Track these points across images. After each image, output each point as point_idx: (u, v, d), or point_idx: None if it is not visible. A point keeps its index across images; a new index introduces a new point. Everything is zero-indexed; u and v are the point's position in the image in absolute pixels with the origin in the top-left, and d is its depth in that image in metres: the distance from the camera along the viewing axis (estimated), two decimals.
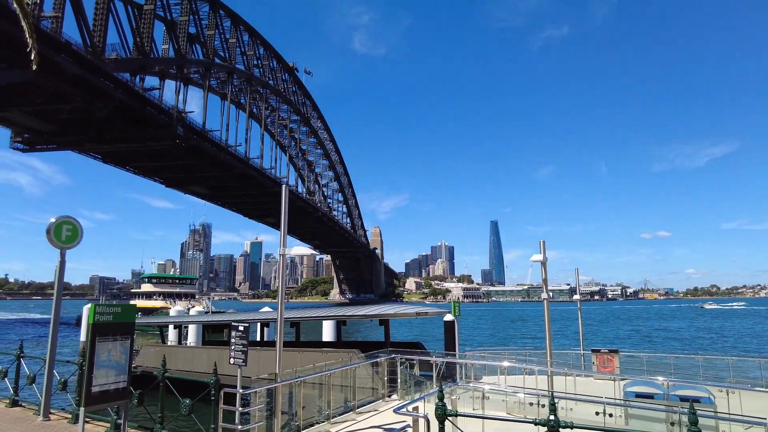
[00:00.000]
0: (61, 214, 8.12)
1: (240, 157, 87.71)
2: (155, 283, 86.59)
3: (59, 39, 49.90)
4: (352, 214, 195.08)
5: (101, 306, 6.90)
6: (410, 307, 18.05)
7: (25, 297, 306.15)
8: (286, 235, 8.14)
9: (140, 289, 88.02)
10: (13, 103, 54.82)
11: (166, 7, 69.89)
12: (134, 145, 67.61)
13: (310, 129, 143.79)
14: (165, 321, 30.41)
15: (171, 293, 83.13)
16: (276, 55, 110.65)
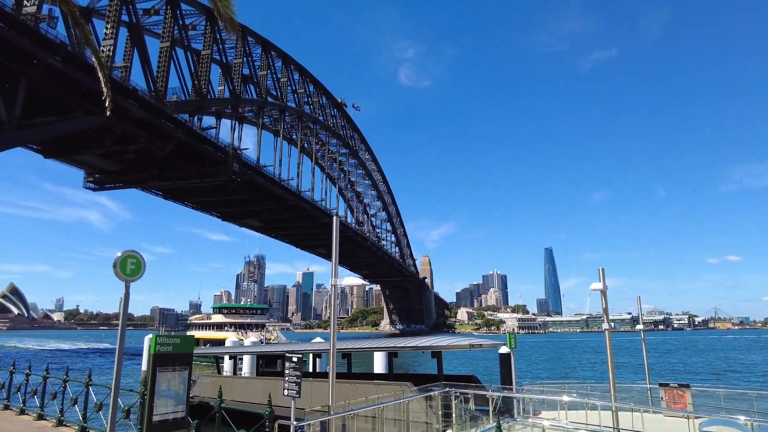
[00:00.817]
0: (126, 249, 8.48)
1: (292, 190, 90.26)
2: (226, 313, 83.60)
3: (127, 86, 53.79)
4: (401, 243, 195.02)
5: (162, 337, 7.13)
6: (463, 339, 17.55)
7: (93, 327, 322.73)
8: (338, 265, 8.17)
9: (210, 319, 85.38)
10: (87, 146, 59.25)
11: (222, 51, 74.15)
12: (193, 181, 71.09)
13: (359, 161, 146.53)
14: (220, 352, 31.10)
15: (242, 324, 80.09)
16: (325, 91, 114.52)
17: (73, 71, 45.89)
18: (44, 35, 44.72)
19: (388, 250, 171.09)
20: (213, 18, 69.44)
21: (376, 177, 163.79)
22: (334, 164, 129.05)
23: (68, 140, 56.28)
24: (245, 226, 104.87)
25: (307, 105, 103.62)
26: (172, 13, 63.28)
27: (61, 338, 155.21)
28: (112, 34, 55.14)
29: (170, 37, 62.76)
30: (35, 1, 47.56)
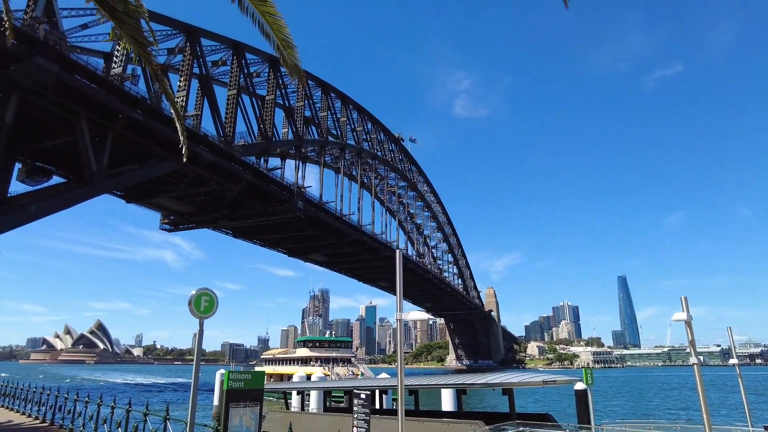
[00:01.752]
0: (198, 286, 8.83)
1: (353, 225, 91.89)
2: (311, 347, 78.69)
3: (199, 133, 57.64)
4: (464, 275, 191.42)
5: (234, 373, 7.35)
6: (536, 375, 16.72)
7: (168, 362, 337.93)
8: (402, 299, 8.13)
9: (295, 353, 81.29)
10: (163, 190, 63.68)
11: (285, 95, 78.09)
12: (260, 219, 74.22)
13: (417, 193, 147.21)
14: (288, 387, 31.42)
15: (328, 358, 74.99)
16: (383, 128, 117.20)
17: (152, 122, 49.87)
18: (128, 92, 49.13)
19: (450, 282, 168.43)
20: (275, 65, 73.67)
21: (436, 208, 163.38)
22: (393, 197, 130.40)
23: (147, 185, 60.83)
24: (310, 261, 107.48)
25: (365, 141, 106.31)
26: (238, 63, 67.72)
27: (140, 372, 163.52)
28: (185, 86, 59.67)
29: (237, 85, 67.01)
30: (121, 63, 52.68)
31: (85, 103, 44.63)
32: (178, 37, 61.02)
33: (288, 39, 5.98)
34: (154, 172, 53.59)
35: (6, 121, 40.21)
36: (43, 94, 41.54)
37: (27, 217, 42.08)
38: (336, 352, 77.18)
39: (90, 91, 44.73)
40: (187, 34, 60.78)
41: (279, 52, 6.14)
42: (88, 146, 45.29)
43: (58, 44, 42.73)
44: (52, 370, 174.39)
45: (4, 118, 40.15)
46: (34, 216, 42.64)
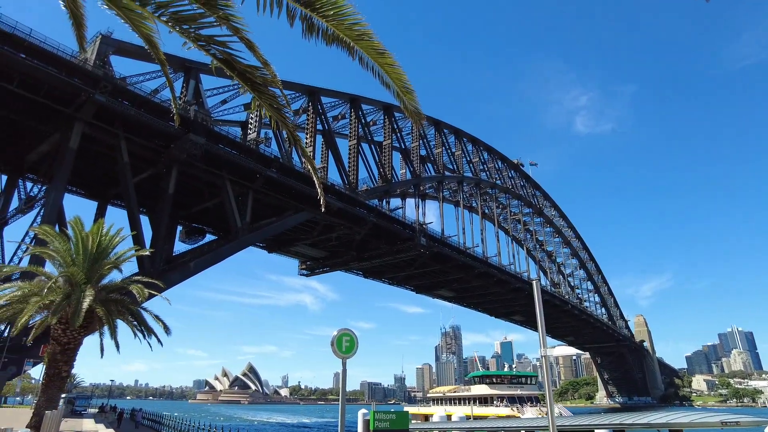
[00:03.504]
0: (335, 327, 9.21)
1: (479, 258, 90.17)
2: (491, 383, 67.07)
3: (327, 184, 61.88)
4: (607, 303, 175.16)
5: (379, 413, 7.50)
6: (710, 414, 14.47)
7: (312, 402, 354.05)
8: (545, 335, 7.71)
9: (470, 391, 69.39)
10: (298, 238, 68.98)
11: (401, 138, 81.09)
12: (387, 258, 76.46)
13: (545, 219, 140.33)
14: (429, 428, 31.07)
15: (513, 396, 63.15)
16: (500, 156, 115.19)
17: (285, 178, 54.93)
18: (263, 154, 54.96)
19: (593, 312, 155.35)
20: (389, 111, 77.37)
21: (567, 233, 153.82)
22: (518, 226, 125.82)
23: (284, 235, 66.26)
24: (438, 297, 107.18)
25: (483, 172, 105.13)
26: (355, 114, 72.25)
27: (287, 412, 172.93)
28: (311, 143, 65.01)
29: (356, 135, 71.32)
30: (255, 129, 59.24)
31: (228, 167, 50.76)
32: (301, 99, 67.09)
33: (407, 85, 6.27)
34: (290, 223, 58.46)
35: (170, 192, 47.16)
36: (195, 165, 48.03)
37: (189, 272, 48.13)
38: (521, 389, 66.50)
39: (231, 156, 50.92)
40: (309, 95, 66.64)
41: (399, 99, 6.45)
42: (232, 205, 51.11)
43: (205, 120, 49.48)
44: (213, 409, 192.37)
45: (168, 189, 47.17)
46: (194, 271, 48.62)
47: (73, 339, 17.60)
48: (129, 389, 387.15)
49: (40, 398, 17.61)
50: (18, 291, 17.49)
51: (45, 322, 16.96)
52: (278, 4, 5.45)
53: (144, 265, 42.02)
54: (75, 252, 18.08)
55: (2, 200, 50.28)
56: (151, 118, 44.56)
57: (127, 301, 18.87)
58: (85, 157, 45.49)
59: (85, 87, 40.09)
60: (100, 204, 56.07)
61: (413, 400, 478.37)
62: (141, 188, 49.16)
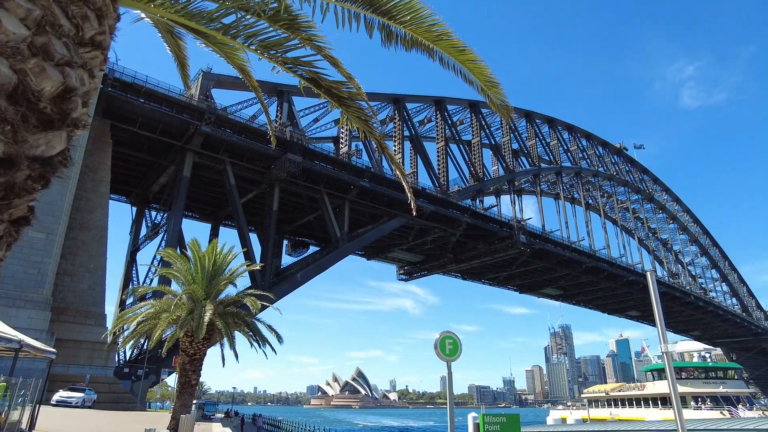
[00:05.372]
0: (437, 330, 9.15)
1: (585, 252, 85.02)
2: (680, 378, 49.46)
3: (417, 188, 62.21)
4: (738, 292, 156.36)
5: (489, 416, 7.33)
6: None
7: (421, 405, 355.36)
8: (665, 329, 7.08)
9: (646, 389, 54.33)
10: (394, 244, 69.95)
11: (490, 135, 79.18)
12: (485, 259, 74.81)
13: (656, 205, 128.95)
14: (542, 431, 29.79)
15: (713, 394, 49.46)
16: (600, 141, 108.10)
17: (378, 187, 56.15)
18: (355, 165, 56.70)
19: (721, 302, 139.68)
20: (476, 108, 75.86)
21: (683, 218, 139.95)
22: (627, 214, 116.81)
23: (381, 242, 67.55)
24: (543, 296, 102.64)
25: (583, 160, 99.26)
26: (441, 116, 71.87)
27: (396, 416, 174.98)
28: (400, 150, 65.78)
29: (443, 137, 70.91)
30: (346, 143, 61.29)
31: (325, 181, 53.09)
32: (387, 108, 68.23)
33: (491, 79, 6.13)
34: (385, 230, 59.56)
35: (274, 209, 50.28)
36: (295, 182, 50.76)
37: (296, 283, 50.83)
38: (723, 386, 51.66)
39: (327, 171, 53.16)
40: (394, 103, 67.58)
41: (484, 94, 6.33)
42: (331, 217, 53.29)
43: (300, 139, 52.15)
44: (326, 413, 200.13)
45: (272, 207, 50.33)
46: (301, 281, 51.25)
47: (198, 350, 19.30)
48: (249, 396, 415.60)
49: (176, 403, 19.54)
50: (151, 309, 19.61)
51: (175, 335, 18.80)
52: (356, 18, 5.60)
53: (256, 279, 45.13)
54: (194, 271, 19.87)
55: (134, 229, 56.93)
56: (251, 142, 47.99)
57: (242, 313, 20.33)
58: (197, 184, 50.14)
59: (193, 120, 44.22)
60: (213, 225, 61.38)
61: (524, 402, 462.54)
62: (248, 208, 53.17)
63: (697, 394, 47.94)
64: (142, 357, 42.13)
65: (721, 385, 50.00)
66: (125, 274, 54.96)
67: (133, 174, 52.23)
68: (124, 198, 57.01)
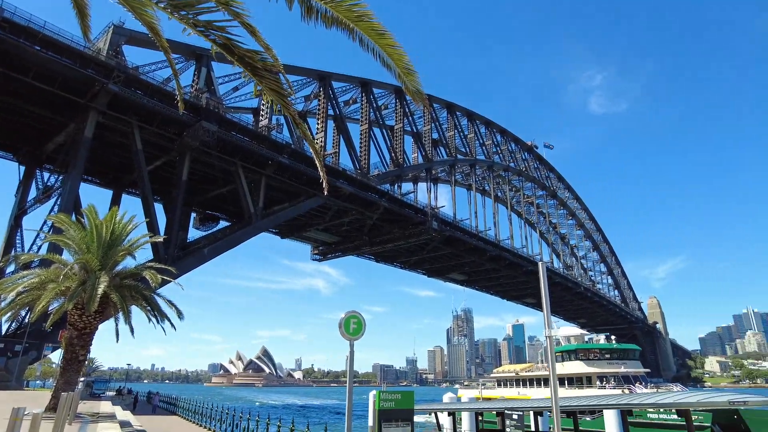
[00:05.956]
0: (347, 310, 9.27)
1: (491, 241, 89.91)
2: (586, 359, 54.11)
3: (338, 169, 61.92)
4: (620, 285, 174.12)
5: (385, 393, 7.61)
6: (718, 394, 14.43)
7: (325, 384, 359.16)
8: (550, 315, 7.72)
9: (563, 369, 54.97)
10: (311, 224, 69.32)
11: (412, 122, 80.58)
12: (399, 243, 76.60)
13: (559, 201, 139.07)
14: (438, 407, 31.34)
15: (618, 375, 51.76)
16: (514, 138, 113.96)
17: (297, 164, 55.04)
18: (275, 140, 55.06)
19: (605, 294, 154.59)
20: (401, 95, 76.63)
21: (581, 215, 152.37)
22: (531, 208, 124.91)
23: (297, 221, 66.67)
24: (449, 281, 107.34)
25: (496, 154, 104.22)
26: (367, 98, 71.80)
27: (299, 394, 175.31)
28: (323, 128, 64.93)
29: (367, 119, 70.97)
30: (266, 116, 59.29)
31: (241, 154, 51.01)
32: (312, 84, 66.85)
33: (408, 66, 6.21)
34: (302, 209, 58.80)
35: (183, 179, 47.61)
36: (208, 152, 48.33)
37: (203, 258, 48.78)
38: (625, 366, 53.95)
39: (244, 143, 51.09)
40: (320, 80, 66.36)
41: (401, 80, 6.41)
42: (245, 192, 51.49)
43: (217, 108, 49.64)
44: (227, 391, 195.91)
45: (181, 176, 47.62)
46: (208, 257, 49.27)
47: (88, 324, 18.00)
48: (146, 373, 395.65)
49: (59, 381, 18.12)
50: (36, 278, 17.89)
51: (62, 308, 17.37)
52: None
53: (159, 252, 42.70)
54: (89, 240, 18.39)
55: (21, 190, 51.26)
56: (163, 106, 44.83)
57: (141, 287, 19.21)
58: (100, 146, 46.07)
59: (99, 77, 40.43)
60: (116, 192, 56.90)
61: (424, 381, 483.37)
62: (155, 176, 49.73)
63: (602, 374, 51.85)
64: (21, 331, 38.48)
65: (623, 366, 53.73)
66: (7, 239, 49.32)
67: (25, 129, 46.84)
68: (10, 155, 51.07)
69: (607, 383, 50.34)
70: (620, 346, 57.82)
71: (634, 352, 57.51)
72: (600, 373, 51.98)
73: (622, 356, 55.03)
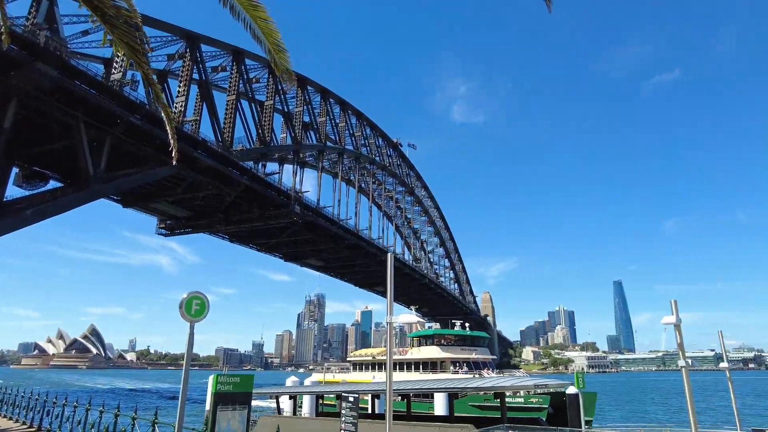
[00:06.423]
0: (191, 290, 8.83)
1: (350, 230, 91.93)
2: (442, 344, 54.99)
3: (197, 138, 57.73)
4: (460, 279, 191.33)
5: (223, 376, 7.39)
6: (528, 379, 16.80)
7: (162, 367, 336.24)
8: (393, 302, 8.20)
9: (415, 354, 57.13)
10: (160, 194, 63.67)
11: (284, 101, 78.36)
12: (257, 224, 74.20)
13: (415, 198, 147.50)
14: (279, 391, 31.39)
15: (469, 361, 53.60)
16: (381, 133, 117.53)
17: (150, 127, 49.98)
18: (127, 97, 49.27)
19: (447, 286, 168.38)
20: (275, 72, 74.07)
21: (433, 213, 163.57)
22: (390, 202, 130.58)
23: (144, 189, 60.80)
24: (306, 266, 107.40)
25: (364, 147, 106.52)
26: (238, 68, 67.92)
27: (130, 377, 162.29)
28: (184, 92, 59.85)
29: (236, 90, 67.18)
30: (120, 69, 52.84)
31: (84, 107, 44.73)
32: (178, 43, 61.24)
33: (279, 43, 6.05)
34: (150, 177, 53.62)
35: (5, 126, 40.32)
36: (43, 99, 41.60)
37: (23, 221, 42.08)
38: (476, 352, 56.03)
39: (89, 96, 44.86)
40: (188, 40, 60.97)
41: (271, 57, 6.23)
42: (85, 150, 45.34)
43: (59, 50, 42.84)
44: (41, 374, 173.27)
45: (3, 122, 40.26)
46: (31, 220, 42.64)
47: None
48: None
49: None
50: None
51: None
52: None
53: None
54: None
55: None
56: None
57: None
58: None
59: None
60: None
61: (270, 365, 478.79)
62: None
63: (455, 359, 53.44)
64: None
65: (474, 352, 56.38)
66: None
67: None
68: None
69: (459, 368, 52.63)
70: (473, 334, 61.68)
71: (484, 340, 63.40)
72: (454, 358, 54.16)
73: (474, 343, 58.77)
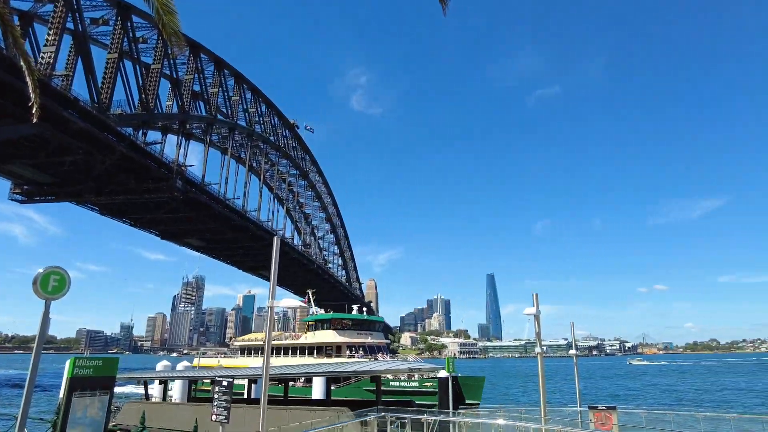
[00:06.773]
0: (51, 265, 8.10)
1: (237, 210, 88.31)
2: (339, 328, 54.48)
3: (67, 95, 51.49)
4: (347, 266, 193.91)
5: (82, 359, 6.85)
6: (402, 364, 17.75)
7: (8, 351, 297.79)
8: (275, 286, 8.19)
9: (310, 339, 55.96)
10: (18, 155, 55.81)
11: (173, 66, 72.68)
12: (132, 197, 68.23)
13: (309, 183, 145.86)
14: (147, 376, 29.54)
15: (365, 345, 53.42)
16: (277, 112, 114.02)
17: (7, 76, 43.52)
18: None
19: (334, 273, 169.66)
20: None
21: (326, 199, 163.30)
22: (283, 185, 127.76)
23: None
24: (186, 246, 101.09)
25: (258, 124, 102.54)
26: (122, 24, 61.53)
27: None
28: (55, 41, 52.84)
29: (119, 48, 60.83)
30: None
31: None
32: None
33: (169, 4, 5.74)
34: (8, 134, 46.97)
35: None
36: None
37: None
38: (371, 337, 56.06)
39: None
40: None
41: (158, 17, 5.88)
42: None
43: None
44: None
45: None
46: None
47: None
48: None
49: None
50: None
51: None
52: None
53: None
54: None
55: None
56: None
57: None
58: None
59: None
60: None
61: (140, 349, 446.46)
62: None
63: (352, 344, 52.98)
64: None
65: (369, 336, 56.08)
66: None
67: None
68: None
69: (355, 352, 52.15)
70: (369, 318, 62.05)
71: (379, 324, 62.82)
72: (350, 342, 53.48)
73: (370, 327, 58.00)
